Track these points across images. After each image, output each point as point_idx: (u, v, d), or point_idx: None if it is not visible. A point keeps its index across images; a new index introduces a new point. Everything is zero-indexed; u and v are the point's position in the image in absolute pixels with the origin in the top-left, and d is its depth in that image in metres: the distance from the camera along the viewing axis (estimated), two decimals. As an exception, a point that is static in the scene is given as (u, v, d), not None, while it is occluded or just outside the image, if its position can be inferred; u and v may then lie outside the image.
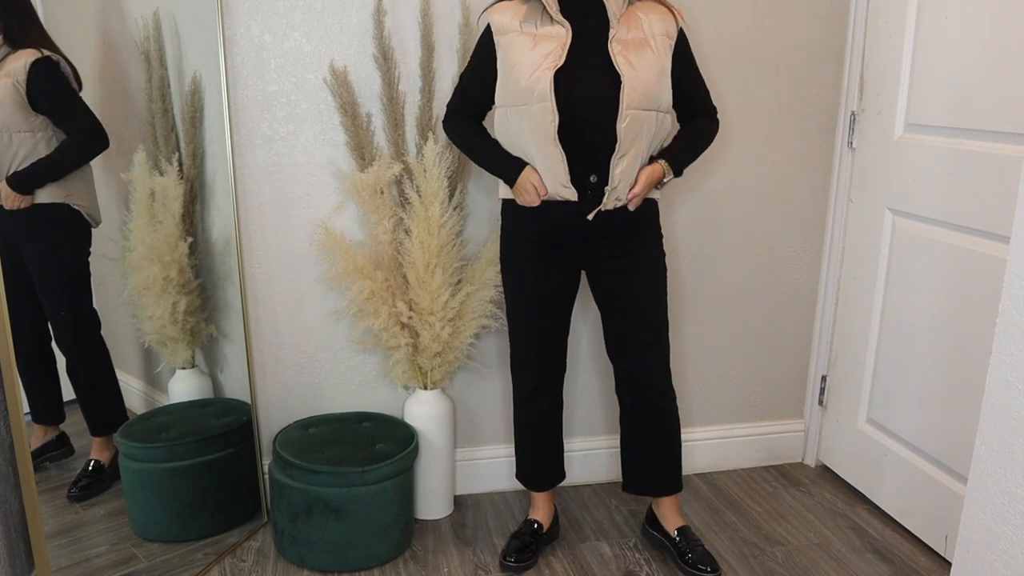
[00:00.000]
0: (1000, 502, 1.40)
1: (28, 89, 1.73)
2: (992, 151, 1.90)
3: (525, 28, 1.79)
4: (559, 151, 1.77)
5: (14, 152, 1.74)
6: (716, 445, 2.61)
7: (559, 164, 1.78)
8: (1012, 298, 1.36)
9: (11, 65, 1.73)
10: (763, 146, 2.41)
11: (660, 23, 1.81)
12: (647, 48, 1.78)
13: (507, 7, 1.84)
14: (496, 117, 1.88)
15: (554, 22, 1.78)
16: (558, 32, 1.77)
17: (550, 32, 1.78)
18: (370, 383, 2.35)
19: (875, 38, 2.28)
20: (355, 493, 2.02)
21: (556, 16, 1.77)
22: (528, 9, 1.81)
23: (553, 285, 1.95)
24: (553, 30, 1.78)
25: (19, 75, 1.73)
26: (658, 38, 1.80)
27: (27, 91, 1.73)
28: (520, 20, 1.80)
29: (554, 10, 1.77)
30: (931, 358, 2.12)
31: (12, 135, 1.73)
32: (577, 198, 1.81)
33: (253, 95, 2.11)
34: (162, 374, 2.17)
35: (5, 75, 1.72)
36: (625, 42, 1.77)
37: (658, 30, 1.81)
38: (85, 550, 1.92)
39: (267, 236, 2.20)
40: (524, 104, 1.77)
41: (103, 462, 2.01)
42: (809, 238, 2.52)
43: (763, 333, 2.57)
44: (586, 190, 1.81)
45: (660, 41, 1.80)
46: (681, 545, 2.07)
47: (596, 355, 2.44)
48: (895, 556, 2.16)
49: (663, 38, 1.81)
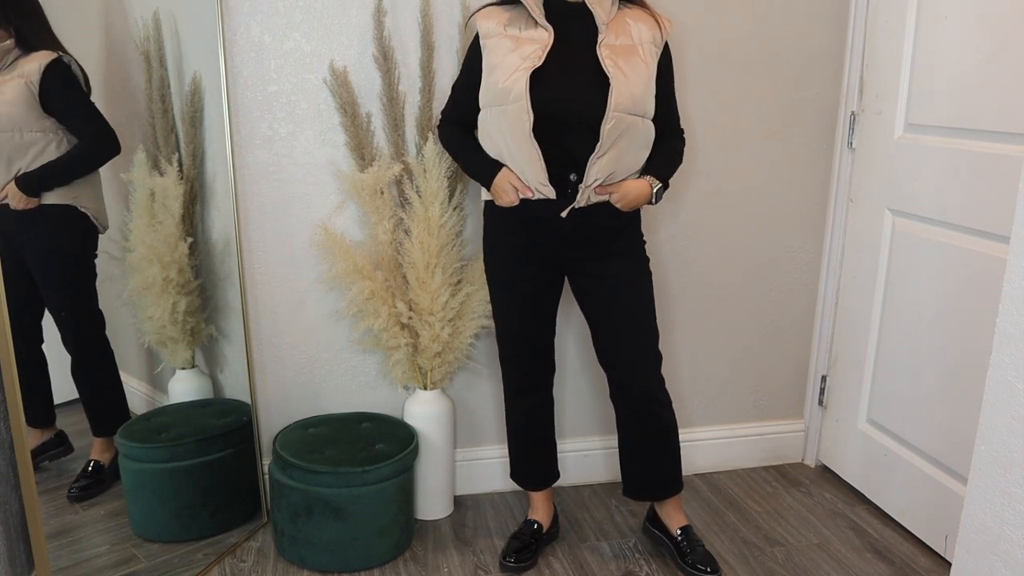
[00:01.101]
0: (1000, 502, 1.40)
1: (41, 90, 1.73)
2: (992, 151, 1.90)
3: (509, 31, 1.81)
4: (535, 150, 1.78)
5: (24, 152, 1.74)
6: (716, 445, 2.61)
7: (536, 163, 1.79)
8: (1012, 298, 1.35)
9: (25, 66, 1.73)
10: (763, 146, 2.41)
11: (648, 31, 1.83)
12: (636, 55, 1.80)
13: (494, 12, 1.85)
14: (480, 119, 1.88)
15: (538, 26, 1.79)
16: (540, 36, 1.79)
17: (532, 35, 1.79)
18: (370, 383, 2.35)
19: (875, 38, 2.28)
20: (355, 493, 2.02)
21: (540, 20, 1.79)
22: (514, 14, 1.83)
23: (535, 285, 1.96)
24: (536, 33, 1.79)
25: (33, 76, 1.73)
26: (646, 46, 1.82)
27: (40, 92, 1.73)
28: (504, 24, 1.82)
29: (538, 14, 1.79)
30: (931, 358, 2.12)
31: (24, 134, 1.74)
32: (555, 195, 1.82)
33: (253, 95, 2.11)
34: (162, 374, 2.17)
35: (19, 75, 1.72)
36: (614, 47, 1.78)
37: (646, 38, 1.82)
38: (85, 550, 1.92)
39: (267, 236, 2.20)
40: (501, 104, 1.79)
41: (103, 462, 2.01)
42: (809, 238, 2.52)
43: (763, 333, 2.57)
44: (566, 189, 1.82)
45: (648, 49, 1.82)
46: (682, 545, 2.07)
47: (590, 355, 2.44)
48: (895, 556, 2.16)
49: (651, 46, 1.83)
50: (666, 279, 2.44)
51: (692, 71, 2.29)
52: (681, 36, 2.21)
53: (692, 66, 2.28)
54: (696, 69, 2.28)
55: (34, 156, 1.75)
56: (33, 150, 1.75)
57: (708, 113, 2.33)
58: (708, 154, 2.36)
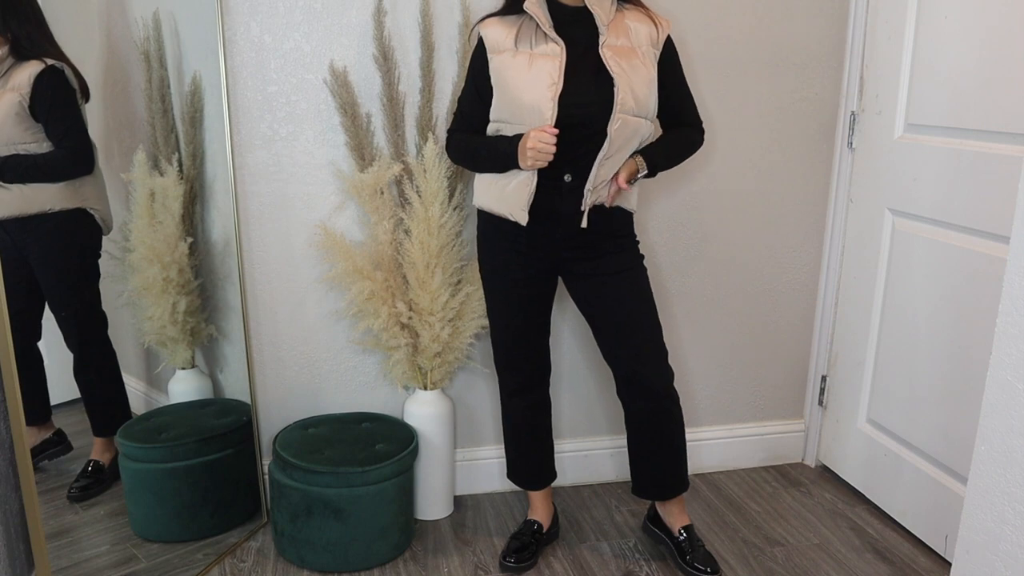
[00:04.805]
0: (1000, 503, 1.40)
1: (31, 100, 1.73)
2: (992, 151, 1.90)
3: (520, 47, 1.79)
4: (535, 172, 1.79)
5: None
6: (716, 445, 2.61)
7: (530, 185, 1.80)
8: (1012, 298, 1.35)
9: (17, 78, 1.72)
10: (763, 146, 2.41)
11: (646, 32, 1.82)
12: (635, 57, 1.79)
13: (500, 22, 1.83)
14: (488, 132, 1.88)
15: (548, 40, 1.78)
16: (553, 50, 1.77)
17: (545, 51, 1.78)
18: (370, 383, 2.35)
19: (875, 38, 2.28)
20: (355, 493, 2.02)
21: (550, 33, 1.78)
22: (522, 26, 1.81)
23: (529, 286, 1.96)
24: (548, 48, 1.78)
25: (24, 88, 1.72)
26: (644, 48, 1.81)
27: (30, 103, 1.73)
28: (514, 39, 1.80)
29: (547, 27, 1.78)
30: (931, 358, 2.12)
31: (15, 147, 1.73)
32: (526, 222, 1.82)
33: (253, 95, 2.11)
34: (162, 374, 2.17)
35: (11, 89, 1.71)
36: (615, 48, 1.78)
37: (644, 40, 1.82)
38: (85, 550, 1.92)
39: (267, 236, 2.20)
40: (521, 123, 1.78)
41: (103, 463, 2.01)
42: (809, 238, 2.52)
43: (763, 333, 2.57)
44: (560, 190, 1.82)
45: (646, 51, 1.82)
46: (683, 544, 2.07)
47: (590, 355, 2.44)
48: (895, 556, 2.16)
49: (649, 47, 1.82)
50: (666, 278, 2.44)
51: (692, 71, 2.28)
52: (681, 36, 2.21)
53: (692, 66, 2.27)
54: (696, 69, 2.28)
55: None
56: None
57: (708, 113, 2.32)
58: (708, 154, 2.36)
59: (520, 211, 1.82)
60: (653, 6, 1.91)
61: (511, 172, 1.82)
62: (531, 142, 1.73)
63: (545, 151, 1.73)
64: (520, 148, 1.76)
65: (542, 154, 1.73)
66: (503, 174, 1.84)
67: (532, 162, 1.75)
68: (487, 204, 1.91)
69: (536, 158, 1.74)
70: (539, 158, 1.74)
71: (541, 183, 1.81)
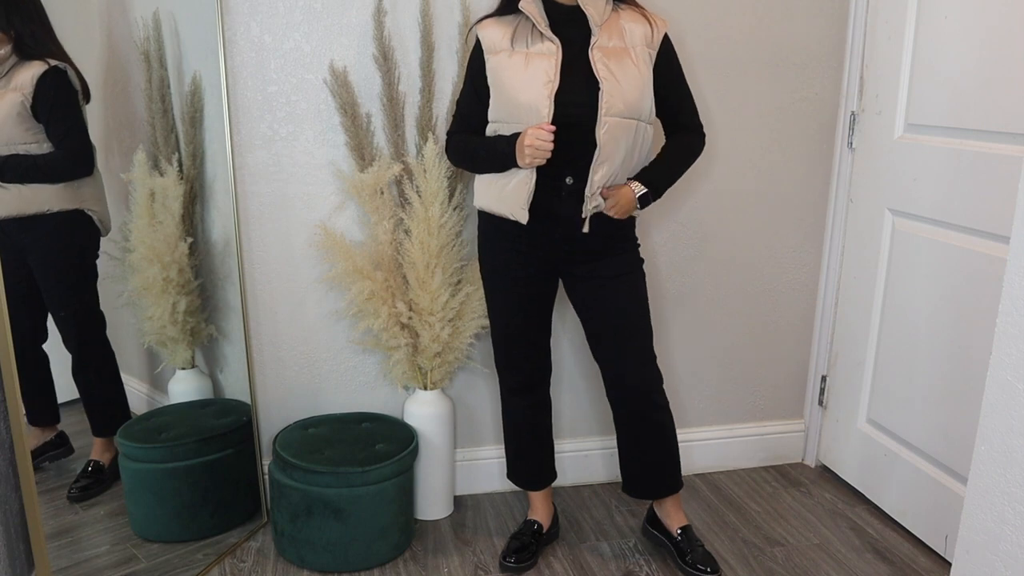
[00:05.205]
0: (1000, 503, 1.40)
1: (34, 100, 1.73)
2: (992, 151, 1.90)
3: (516, 47, 1.80)
4: (534, 172, 1.79)
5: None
6: (716, 445, 2.61)
7: (529, 183, 1.80)
8: (1012, 298, 1.35)
9: (20, 78, 1.72)
10: (763, 146, 2.41)
11: (641, 32, 1.82)
12: (627, 58, 1.79)
13: (496, 23, 1.84)
14: (487, 132, 1.88)
15: (544, 39, 1.78)
16: (549, 49, 1.78)
17: (541, 50, 1.78)
18: (370, 383, 2.35)
19: (875, 38, 2.28)
20: (355, 493, 2.02)
21: (546, 32, 1.78)
22: (518, 26, 1.81)
23: (530, 287, 1.96)
24: (544, 47, 1.78)
25: (27, 88, 1.72)
26: (638, 48, 1.81)
27: (32, 103, 1.73)
28: (511, 39, 1.81)
29: (543, 26, 1.78)
30: (931, 358, 2.12)
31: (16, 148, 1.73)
32: (526, 221, 1.82)
33: (253, 95, 2.11)
34: (162, 374, 2.17)
35: (14, 89, 1.71)
36: (606, 50, 1.78)
37: (639, 40, 1.81)
38: (85, 550, 1.92)
39: (267, 236, 2.20)
40: (519, 123, 1.79)
41: (103, 463, 2.01)
42: (809, 238, 2.52)
43: (763, 333, 2.57)
44: (560, 192, 1.82)
45: (640, 51, 1.81)
46: (682, 544, 2.07)
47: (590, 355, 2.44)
48: (895, 556, 2.16)
49: (643, 48, 1.81)
50: (666, 279, 2.44)
51: (692, 71, 2.28)
52: (681, 36, 2.21)
53: (692, 66, 2.27)
54: (696, 69, 2.28)
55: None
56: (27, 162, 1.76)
57: (708, 113, 2.32)
58: (708, 154, 2.35)
59: (520, 209, 1.82)
60: (651, 6, 1.91)
61: (510, 171, 1.82)
62: (529, 139, 1.73)
63: (543, 148, 1.73)
64: (518, 146, 1.76)
65: (540, 151, 1.74)
66: (502, 174, 1.84)
67: (530, 160, 1.75)
68: (487, 205, 1.91)
69: (534, 155, 1.74)
70: (537, 155, 1.74)
71: (542, 184, 1.81)
